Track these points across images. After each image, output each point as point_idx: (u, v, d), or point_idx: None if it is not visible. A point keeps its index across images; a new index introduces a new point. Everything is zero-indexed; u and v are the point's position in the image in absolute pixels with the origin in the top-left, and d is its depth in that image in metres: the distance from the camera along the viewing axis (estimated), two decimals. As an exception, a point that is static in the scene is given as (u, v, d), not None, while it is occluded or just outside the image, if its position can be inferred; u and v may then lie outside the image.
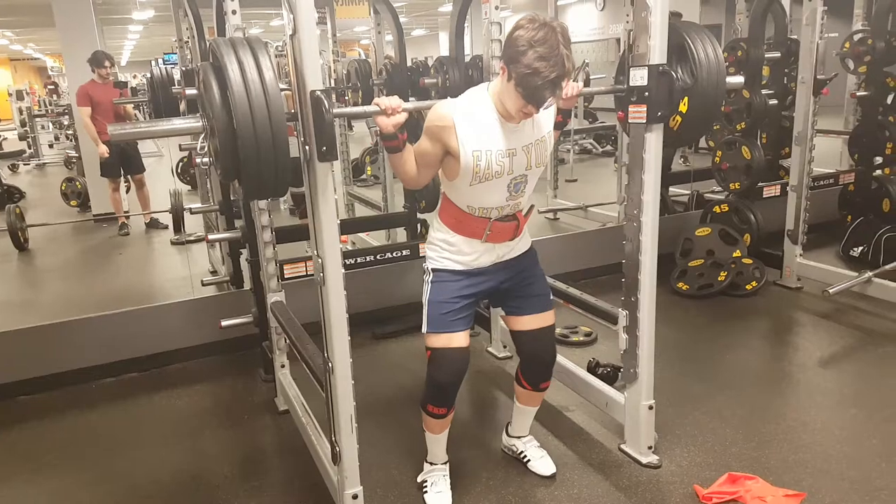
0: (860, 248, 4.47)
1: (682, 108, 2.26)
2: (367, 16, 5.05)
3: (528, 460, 2.50)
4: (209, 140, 1.89)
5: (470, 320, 2.22)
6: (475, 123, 1.97)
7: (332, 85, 5.24)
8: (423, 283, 2.21)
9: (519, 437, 2.54)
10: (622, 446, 2.57)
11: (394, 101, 1.88)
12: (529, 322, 2.28)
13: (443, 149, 1.99)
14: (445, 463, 2.40)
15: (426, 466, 2.41)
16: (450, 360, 2.15)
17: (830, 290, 3.67)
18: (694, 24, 2.36)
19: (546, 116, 2.09)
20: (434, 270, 2.18)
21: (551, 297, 2.36)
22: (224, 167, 1.81)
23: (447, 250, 2.16)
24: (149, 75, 4.53)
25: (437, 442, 2.36)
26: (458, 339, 2.15)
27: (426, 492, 2.36)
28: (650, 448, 2.50)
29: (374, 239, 4.92)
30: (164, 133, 2.06)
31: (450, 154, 1.99)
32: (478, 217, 2.10)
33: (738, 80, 2.51)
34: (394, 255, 3.58)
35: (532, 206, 2.25)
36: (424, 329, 2.17)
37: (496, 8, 3.05)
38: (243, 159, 1.72)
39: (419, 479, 2.42)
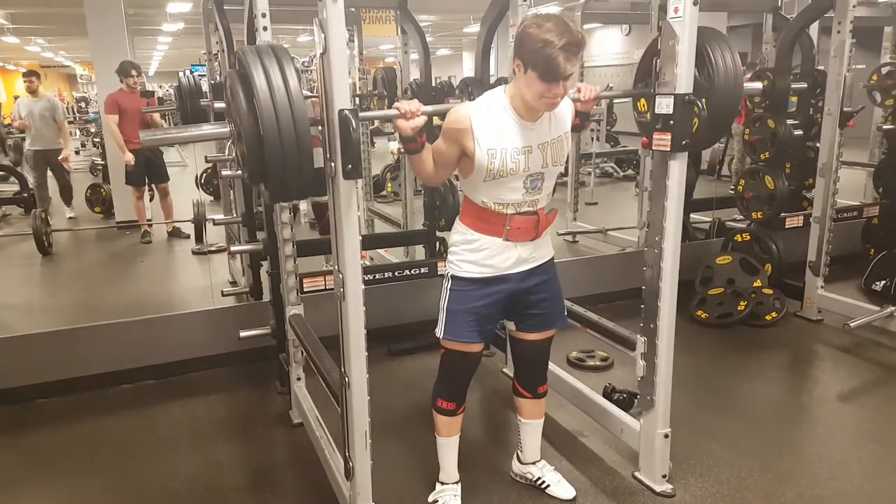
0: (882, 283, 4.41)
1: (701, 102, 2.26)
2: (394, 35, 5.09)
3: (547, 485, 2.46)
4: (236, 145, 1.94)
5: (487, 336, 2.23)
6: (491, 122, 2.01)
7: (357, 102, 5.29)
8: (441, 289, 2.22)
9: (533, 463, 2.51)
10: (636, 474, 2.55)
11: (413, 105, 1.93)
12: (537, 335, 2.33)
13: (459, 150, 2.03)
14: (457, 483, 2.40)
15: (438, 486, 2.41)
16: (461, 360, 2.24)
17: (851, 324, 3.63)
18: (712, 30, 2.35)
19: (564, 116, 2.12)
20: (454, 278, 2.18)
21: (565, 314, 2.37)
22: (251, 171, 1.86)
23: (466, 250, 2.16)
24: (176, 84, 4.58)
25: (447, 451, 2.36)
26: (474, 348, 2.22)
27: None
28: (664, 477, 2.47)
29: (393, 255, 4.95)
30: (195, 138, 2.09)
31: (466, 155, 2.03)
32: (495, 212, 2.10)
33: (756, 85, 2.48)
34: (412, 272, 3.60)
35: (554, 210, 2.26)
36: (440, 333, 2.20)
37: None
38: (269, 162, 1.77)
39: (430, 500, 2.40)
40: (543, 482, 2.47)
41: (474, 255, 2.15)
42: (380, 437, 2.40)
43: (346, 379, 2.02)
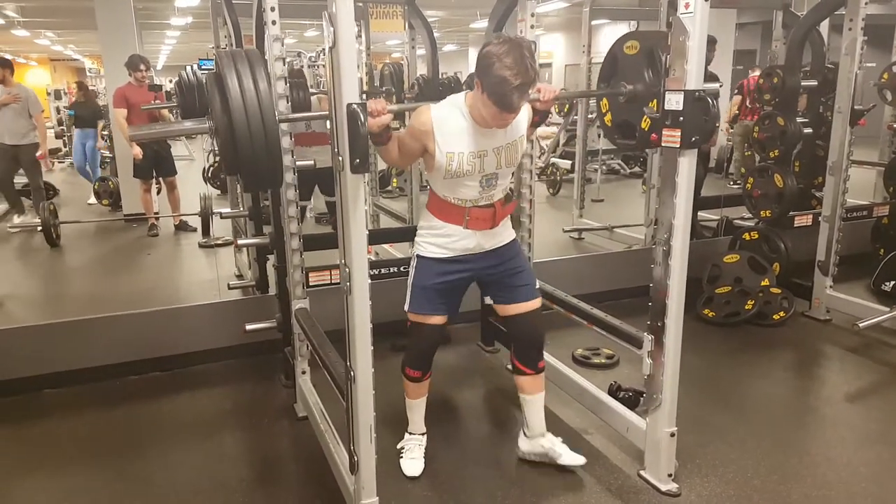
0: (892, 283, 4.38)
1: (653, 104, 2.27)
2: (401, 30, 5.08)
3: (560, 455, 2.54)
4: (215, 138, 2.14)
5: (450, 309, 2.47)
6: (451, 128, 2.22)
7: (364, 97, 5.28)
8: (409, 268, 2.46)
9: (542, 436, 2.58)
10: (641, 472, 2.54)
11: (379, 105, 2.07)
12: (517, 309, 2.50)
13: (422, 146, 2.25)
14: (423, 434, 2.66)
15: (406, 436, 2.66)
16: (426, 331, 2.46)
17: (860, 325, 3.60)
18: (661, 33, 2.34)
19: (519, 121, 2.30)
20: (419, 257, 2.43)
21: (537, 287, 2.57)
22: (226, 162, 2.09)
23: (431, 234, 2.40)
24: (177, 79, 4.57)
25: (415, 409, 2.63)
26: (435, 320, 2.45)
27: (402, 458, 2.60)
28: (670, 476, 2.46)
29: (398, 251, 4.94)
30: (178, 132, 2.27)
31: (427, 152, 2.25)
32: (455, 205, 2.34)
33: (714, 86, 2.52)
34: (417, 267, 3.58)
35: (513, 201, 2.47)
36: (406, 307, 2.46)
37: (531, 27, 3.08)
38: (241, 155, 1.96)
39: (398, 447, 2.65)
40: (554, 453, 2.55)
41: (438, 238, 2.39)
42: (384, 431, 2.41)
43: (352, 373, 2.02)
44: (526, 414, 2.60)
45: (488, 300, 2.61)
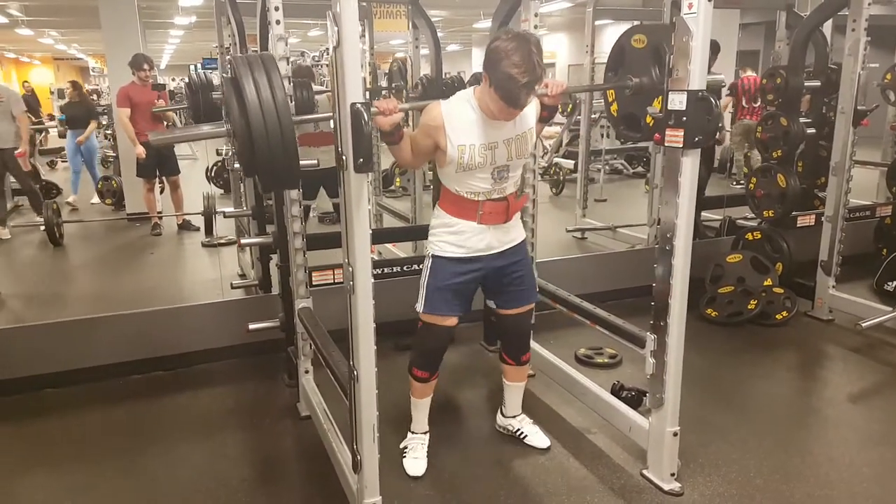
0: (895, 283, 4.38)
1: (657, 104, 2.28)
2: (405, 30, 5.08)
3: (525, 436, 2.76)
4: (232, 141, 2.21)
5: (463, 309, 2.49)
6: (461, 121, 2.24)
7: (367, 96, 5.29)
8: (423, 267, 2.46)
9: (514, 417, 2.80)
10: (644, 472, 2.54)
11: (390, 104, 2.07)
12: (510, 312, 2.58)
13: (433, 143, 2.27)
14: (426, 433, 2.67)
15: (409, 435, 2.68)
16: (437, 332, 2.48)
17: (863, 324, 3.60)
18: (667, 27, 2.35)
19: (528, 114, 2.33)
20: (434, 257, 2.43)
21: (536, 290, 2.66)
22: (244, 164, 2.15)
23: (445, 232, 2.40)
24: (187, 80, 4.58)
25: (420, 408, 2.64)
26: (450, 321, 2.47)
27: (405, 457, 2.61)
28: (673, 475, 2.46)
29: (401, 250, 4.95)
30: (197, 137, 2.30)
31: (439, 148, 2.27)
32: (469, 199, 2.35)
33: (718, 77, 2.52)
34: (420, 267, 3.57)
35: (524, 193, 2.50)
36: (420, 307, 2.46)
37: (535, 27, 3.08)
38: (258, 158, 2.00)
39: (401, 446, 2.66)
40: (522, 433, 2.76)
41: (452, 236, 2.39)
42: (387, 430, 2.41)
43: (355, 372, 2.02)
44: (505, 396, 2.79)
45: (492, 304, 2.62)
